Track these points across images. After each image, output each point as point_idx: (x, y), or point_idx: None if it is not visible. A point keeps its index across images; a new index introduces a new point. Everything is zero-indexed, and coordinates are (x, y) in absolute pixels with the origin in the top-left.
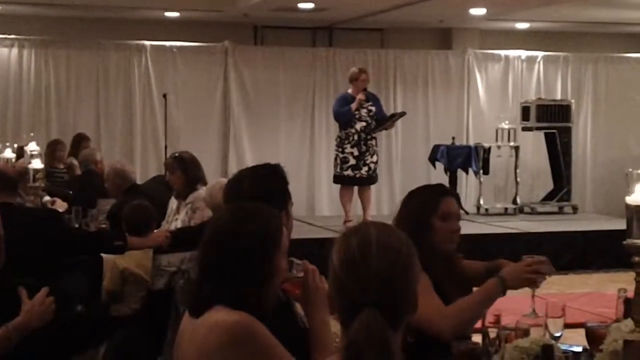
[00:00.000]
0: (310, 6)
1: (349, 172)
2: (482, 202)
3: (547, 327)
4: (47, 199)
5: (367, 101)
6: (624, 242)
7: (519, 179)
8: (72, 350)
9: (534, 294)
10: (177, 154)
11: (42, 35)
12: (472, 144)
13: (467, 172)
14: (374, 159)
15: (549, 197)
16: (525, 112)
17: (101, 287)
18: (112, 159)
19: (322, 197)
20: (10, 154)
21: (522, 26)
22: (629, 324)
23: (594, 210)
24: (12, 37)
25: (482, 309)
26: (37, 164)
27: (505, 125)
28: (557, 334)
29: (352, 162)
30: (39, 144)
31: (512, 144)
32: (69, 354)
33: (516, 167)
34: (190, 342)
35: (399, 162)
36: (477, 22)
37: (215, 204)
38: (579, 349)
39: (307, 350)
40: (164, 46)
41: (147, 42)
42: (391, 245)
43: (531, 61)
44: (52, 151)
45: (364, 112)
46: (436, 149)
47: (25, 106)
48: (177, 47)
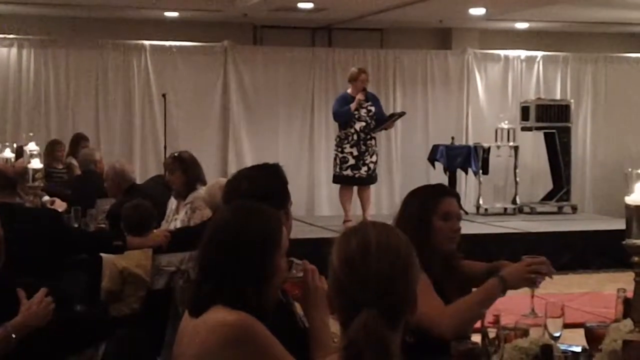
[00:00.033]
0: (309, 6)
1: (348, 172)
2: (481, 202)
3: (546, 327)
4: (46, 198)
5: (367, 101)
6: (623, 242)
7: (518, 179)
8: (71, 350)
9: (533, 294)
10: (177, 154)
11: (42, 34)
12: (471, 143)
13: (466, 172)
14: (374, 158)
15: (549, 197)
16: (524, 112)
17: (100, 287)
18: (112, 159)
19: (322, 197)
20: (9, 153)
21: (521, 26)
22: (628, 324)
23: (593, 210)
24: (11, 36)
25: (483, 308)
26: (36, 163)
27: (504, 125)
28: (557, 334)
29: (352, 162)
30: (38, 144)
31: (511, 143)
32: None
33: (515, 167)
34: (190, 341)
35: (398, 162)
36: (476, 22)
37: (214, 203)
38: (578, 349)
39: (306, 350)
40: (163, 46)
41: (146, 42)
42: (390, 245)
43: (531, 61)
44: (51, 151)
45: (364, 112)
46: (435, 148)
47: (24, 106)
48: (176, 47)
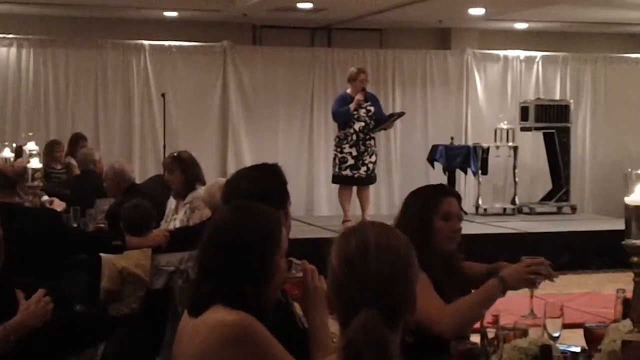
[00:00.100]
0: (309, 6)
1: (348, 172)
2: (480, 202)
3: (545, 328)
4: (45, 198)
5: (366, 101)
6: (623, 243)
7: (517, 179)
8: (70, 349)
9: (532, 294)
10: (176, 154)
11: (41, 34)
12: (470, 144)
13: (465, 172)
14: (373, 159)
15: (548, 197)
16: (524, 112)
17: (100, 287)
18: (111, 159)
19: (321, 197)
20: (8, 153)
21: (520, 26)
22: (628, 324)
23: (593, 210)
24: (10, 36)
25: (482, 309)
26: (35, 163)
27: (504, 125)
28: (556, 334)
29: (351, 162)
30: (37, 144)
31: (510, 144)
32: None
33: (515, 167)
34: (189, 341)
35: (397, 162)
36: (475, 22)
37: (213, 203)
38: (578, 349)
39: (306, 350)
40: (162, 46)
41: (146, 42)
42: (390, 245)
43: (530, 61)
44: (50, 151)
45: (363, 112)
46: (435, 149)
47: (23, 105)
48: (176, 46)
